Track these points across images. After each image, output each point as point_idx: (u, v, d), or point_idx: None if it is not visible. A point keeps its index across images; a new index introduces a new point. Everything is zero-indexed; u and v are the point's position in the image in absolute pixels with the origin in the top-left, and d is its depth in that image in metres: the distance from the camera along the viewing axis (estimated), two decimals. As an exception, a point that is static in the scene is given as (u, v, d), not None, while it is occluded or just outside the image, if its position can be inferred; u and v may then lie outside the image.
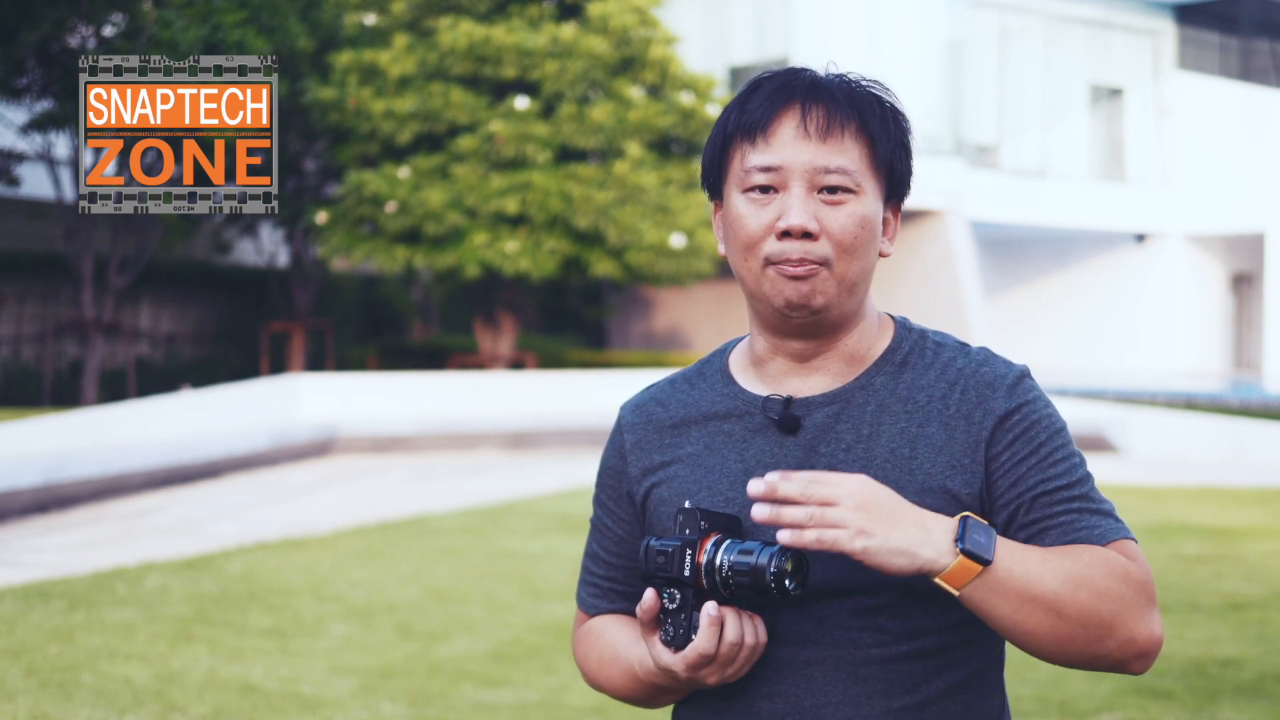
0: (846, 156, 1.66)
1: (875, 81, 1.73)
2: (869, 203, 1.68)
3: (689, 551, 1.59)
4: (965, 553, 1.53)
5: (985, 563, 1.53)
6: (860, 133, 1.67)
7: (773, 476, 1.52)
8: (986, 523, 1.58)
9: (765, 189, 1.67)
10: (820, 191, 1.66)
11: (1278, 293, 26.18)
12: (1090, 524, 1.64)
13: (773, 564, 1.54)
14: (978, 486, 1.66)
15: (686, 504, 1.69)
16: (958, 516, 1.55)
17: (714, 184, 1.74)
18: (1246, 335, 28.30)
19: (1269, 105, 27.23)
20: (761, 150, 1.67)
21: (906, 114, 1.74)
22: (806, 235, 1.65)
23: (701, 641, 1.59)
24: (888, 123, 1.70)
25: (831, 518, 1.51)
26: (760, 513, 1.52)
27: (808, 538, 1.51)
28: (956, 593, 1.54)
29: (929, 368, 1.72)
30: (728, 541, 1.60)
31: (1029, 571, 1.55)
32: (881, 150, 1.69)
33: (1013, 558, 1.56)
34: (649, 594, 1.62)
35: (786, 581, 1.55)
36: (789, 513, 1.52)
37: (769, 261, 1.67)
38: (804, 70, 1.71)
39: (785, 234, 1.65)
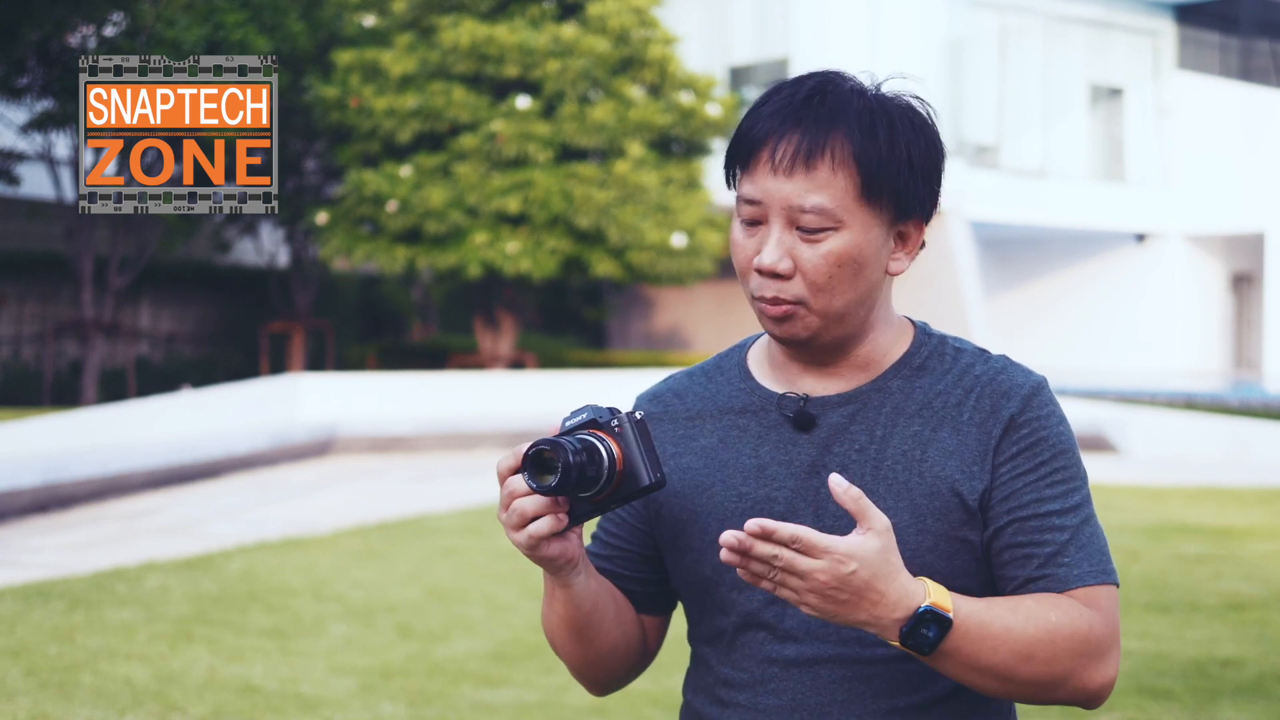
0: (825, 192, 1.61)
1: (881, 92, 1.67)
2: (855, 235, 1.63)
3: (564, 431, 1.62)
4: (905, 645, 1.54)
5: (924, 654, 1.55)
6: (844, 162, 1.62)
7: (752, 526, 1.49)
8: (948, 612, 1.54)
9: (753, 221, 1.66)
10: (798, 228, 1.63)
11: (1278, 293, 26.16)
12: (1071, 561, 1.63)
13: (528, 450, 1.55)
14: (980, 491, 1.65)
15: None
16: (914, 608, 1.53)
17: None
18: (1246, 335, 28.29)
19: (1269, 105, 27.21)
20: (747, 181, 1.65)
21: (919, 122, 1.67)
22: (777, 275, 1.63)
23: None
24: (880, 143, 1.62)
25: (789, 586, 1.51)
26: (727, 556, 1.52)
27: (764, 585, 1.53)
28: None
29: (946, 373, 1.72)
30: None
31: (980, 649, 1.56)
32: (871, 176, 1.62)
33: (965, 638, 1.55)
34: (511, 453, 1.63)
35: (527, 479, 1.55)
36: (754, 566, 1.52)
37: (753, 296, 1.67)
38: (801, 88, 1.65)
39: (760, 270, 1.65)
